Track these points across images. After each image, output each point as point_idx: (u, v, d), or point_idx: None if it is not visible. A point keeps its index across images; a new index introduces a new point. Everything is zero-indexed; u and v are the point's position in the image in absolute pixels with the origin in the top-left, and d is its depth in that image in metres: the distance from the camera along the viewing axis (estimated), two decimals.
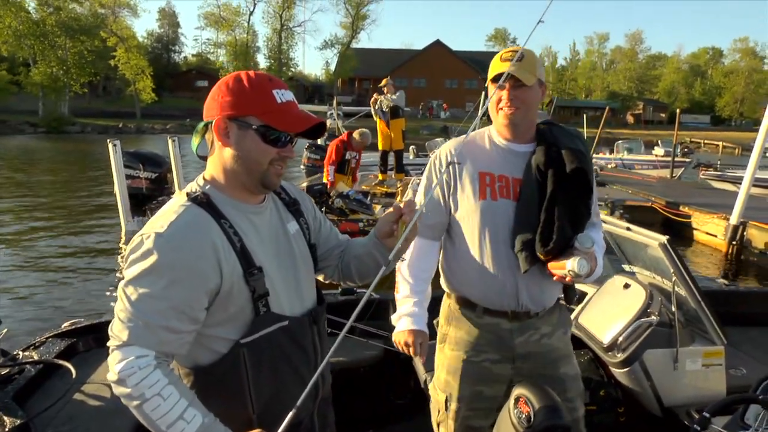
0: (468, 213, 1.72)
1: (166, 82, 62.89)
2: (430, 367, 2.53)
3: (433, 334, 1.96)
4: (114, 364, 1.12)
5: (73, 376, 2.31)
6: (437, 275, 1.91)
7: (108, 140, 6.80)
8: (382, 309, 3.23)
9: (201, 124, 1.26)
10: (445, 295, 1.91)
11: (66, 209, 11.46)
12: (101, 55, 50.45)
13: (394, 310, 3.20)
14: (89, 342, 2.67)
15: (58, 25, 46.60)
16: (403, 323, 1.85)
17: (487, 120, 1.82)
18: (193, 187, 1.26)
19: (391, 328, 3.02)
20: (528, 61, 1.63)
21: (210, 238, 1.16)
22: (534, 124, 1.74)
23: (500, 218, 1.68)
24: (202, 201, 1.20)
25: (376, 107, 9.68)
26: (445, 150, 1.80)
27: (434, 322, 1.99)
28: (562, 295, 1.85)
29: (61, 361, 2.40)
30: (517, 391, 1.61)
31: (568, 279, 1.58)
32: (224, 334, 1.22)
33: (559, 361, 1.80)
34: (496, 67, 1.65)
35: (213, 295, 1.17)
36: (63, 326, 2.71)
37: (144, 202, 8.87)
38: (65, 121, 43.71)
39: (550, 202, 1.62)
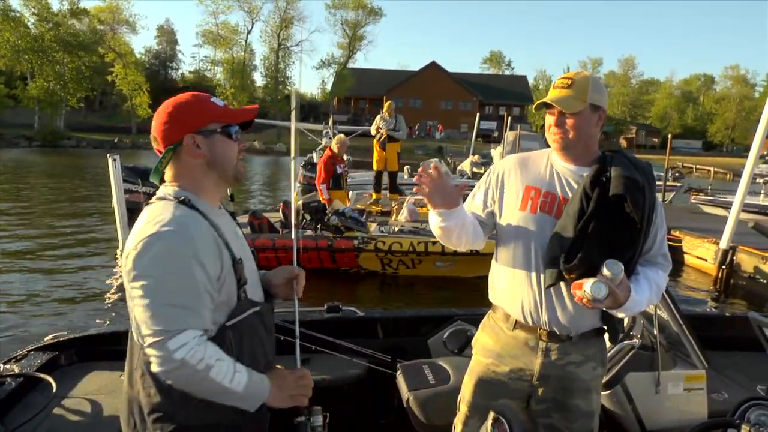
0: (507, 223, 1.77)
1: (162, 98, 62.67)
2: (412, 386, 2.52)
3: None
4: (171, 354, 1.19)
5: (54, 389, 2.29)
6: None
7: (108, 155, 6.86)
8: (367, 327, 3.21)
9: (169, 152, 1.33)
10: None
11: (59, 222, 11.38)
12: (99, 70, 50.80)
13: (382, 328, 3.21)
14: (71, 356, 2.66)
15: (57, 41, 46.93)
16: None
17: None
18: (168, 193, 1.34)
19: (375, 346, 3.02)
20: (577, 87, 1.66)
21: (210, 230, 1.29)
22: (591, 147, 1.73)
23: (536, 232, 1.70)
24: (187, 203, 1.31)
25: (378, 136, 9.88)
26: (504, 161, 1.86)
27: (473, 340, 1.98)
28: (603, 327, 1.77)
29: (42, 375, 2.38)
30: (493, 412, 1.61)
31: (585, 302, 1.54)
32: (215, 318, 1.32)
33: (577, 391, 1.74)
34: (549, 94, 1.70)
35: (216, 280, 1.29)
36: (45, 339, 2.70)
37: None
38: (60, 135, 43.81)
39: (586, 222, 1.61)
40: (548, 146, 1.80)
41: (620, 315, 1.68)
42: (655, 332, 2.40)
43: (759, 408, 2.03)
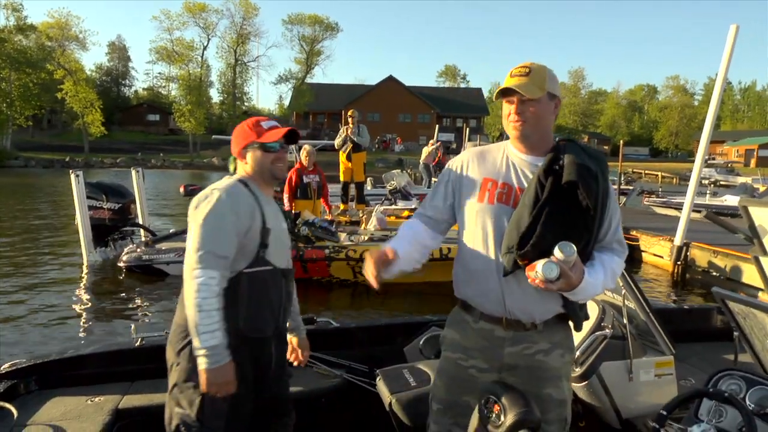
0: (467, 215, 1.78)
1: (115, 116, 61.48)
2: (394, 390, 2.52)
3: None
4: (193, 279, 1.75)
5: (15, 417, 2.21)
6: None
7: (70, 171, 6.68)
8: (342, 338, 3.21)
9: (233, 160, 2.06)
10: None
11: (12, 243, 10.90)
12: (47, 87, 48.98)
13: (357, 338, 3.20)
14: (31, 383, 2.56)
15: (3, 57, 45.09)
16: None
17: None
18: (236, 177, 1.99)
19: (351, 357, 3.03)
20: (536, 76, 1.67)
21: (251, 198, 1.91)
22: (547, 136, 1.75)
23: (494, 222, 1.71)
24: (244, 182, 1.96)
25: (345, 147, 10.01)
26: (462, 155, 1.88)
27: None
28: (564, 312, 1.76)
29: (1, 403, 2.30)
30: (485, 392, 1.64)
31: (537, 282, 1.57)
32: (239, 265, 1.87)
33: (547, 380, 1.75)
34: (505, 82, 1.70)
35: (246, 233, 1.86)
36: (2, 367, 2.59)
37: (107, 233, 8.57)
38: (7, 155, 42.01)
39: (540, 209, 1.61)
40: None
41: (575, 298, 1.69)
42: (625, 321, 2.46)
43: (730, 378, 2.14)
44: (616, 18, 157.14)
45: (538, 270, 1.55)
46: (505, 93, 1.69)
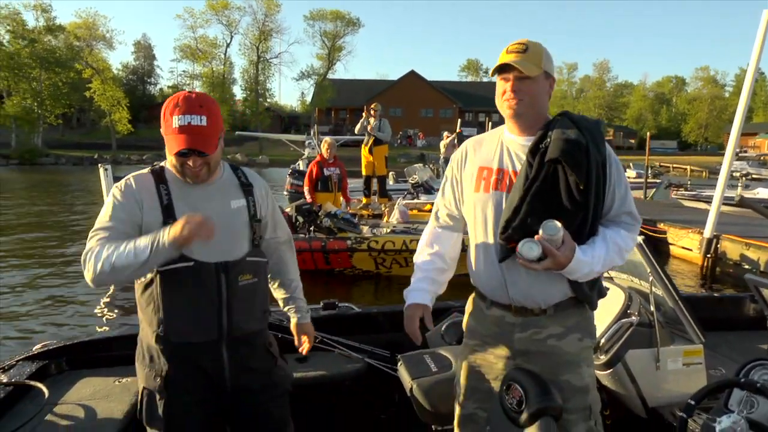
0: (468, 206, 1.79)
1: (141, 113, 62.62)
2: (415, 375, 2.52)
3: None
4: (84, 263, 1.63)
5: (46, 397, 2.26)
6: None
7: (99, 165, 6.95)
8: (364, 323, 3.21)
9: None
10: None
11: (44, 233, 11.25)
12: (76, 86, 50.12)
13: (379, 324, 3.21)
14: (62, 364, 2.62)
15: (33, 58, 46.30)
16: (406, 298, 1.96)
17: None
18: (161, 163, 1.80)
19: (373, 342, 3.03)
20: (533, 53, 1.62)
21: (142, 191, 1.70)
22: (542, 116, 1.69)
23: (492, 210, 1.69)
24: (155, 170, 1.77)
25: (366, 140, 10.06)
26: (461, 147, 1.88)
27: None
28: (573, 294, 1.70)
29: (32, 383, 2.35)
30: (507, 378, 1.63)
31: (521, 263, 1.56)
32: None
33: (563, 366, 1.69)
34: (501, 59, 1.63)
35: (138, 227, 1.68)
36: (34, 348, 2.65)
37: None
38: (39, 153, 43.22)
39: (527, 190, 1.59)
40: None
41: (573, 278, 1.63)
42: (652, 308, 2.41)
43: (763, 368, 2.07)
44: (643, 9, 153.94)
45: (518, 250, 1.52)
46: (504, 69, 1.63)
